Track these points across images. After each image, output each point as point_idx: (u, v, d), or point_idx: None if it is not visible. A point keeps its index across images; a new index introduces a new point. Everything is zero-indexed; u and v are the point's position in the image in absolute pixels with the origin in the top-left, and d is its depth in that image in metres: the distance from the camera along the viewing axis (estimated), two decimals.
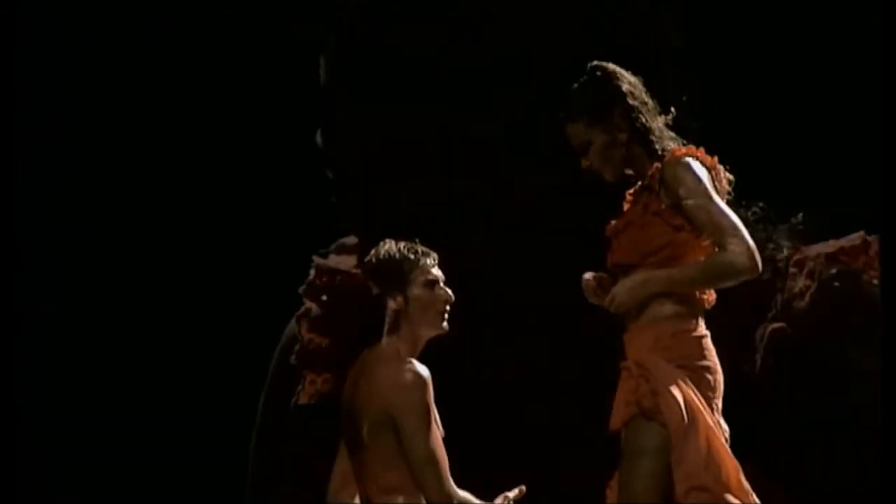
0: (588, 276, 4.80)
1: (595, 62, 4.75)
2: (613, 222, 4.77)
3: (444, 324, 5.06)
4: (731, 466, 4.48)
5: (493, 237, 7.08)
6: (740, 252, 4.48)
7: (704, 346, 4.61)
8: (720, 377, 4.62)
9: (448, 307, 5.06)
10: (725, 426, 4.62)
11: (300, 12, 7.12)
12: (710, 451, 4.45)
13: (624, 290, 4.58)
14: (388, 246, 5.08)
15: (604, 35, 6.90)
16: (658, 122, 4.72)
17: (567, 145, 4.78)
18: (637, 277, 4.58)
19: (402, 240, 5.09)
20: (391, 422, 4.93)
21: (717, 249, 4.53)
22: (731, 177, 4.73)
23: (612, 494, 4.62)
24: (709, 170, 4.66)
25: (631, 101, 4.68)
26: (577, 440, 6.70)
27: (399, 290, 5.02)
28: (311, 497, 6.40)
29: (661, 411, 4.44)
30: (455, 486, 4.96)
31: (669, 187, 4.60)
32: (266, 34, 7.11)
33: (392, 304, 5.03)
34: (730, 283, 4.60)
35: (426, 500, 4.94)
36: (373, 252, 5.09)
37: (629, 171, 4.77)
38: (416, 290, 5.03)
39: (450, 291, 5.08)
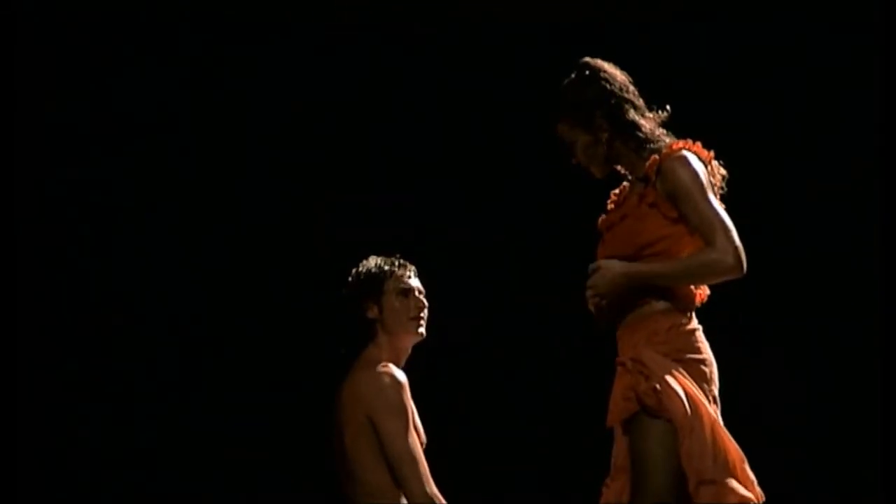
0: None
1: (585, 59, 4.74)
2: (605, 216, 4.76)
3: (421, 330, 5.29)
4: (737, 456, 4.47)
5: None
6: (725, 251, 4.46)
7: (698, 339, 4.59)
8: (715, 369, 4.60)
9: (422, 314, 5.26)
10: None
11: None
12: (716, 441, 4.44)
13: (604, 280, 4.55)
14: (367, 261, 5.38)
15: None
16: (647, 120, 4.70)
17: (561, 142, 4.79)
18: (619, 268, 4.55)
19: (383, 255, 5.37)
20: (371, 424, 5.06)
21: (704, 246, 4.51)
22: (725, 172, 4.72)
23: (608, 493, 4.61)
24: (705, 164, 4.64)
25: (615, 102, 4.66)
26: (571, 439, 6.70)
27: (374, 300, 5.30)
28: None
29: (665, 407, 4.42)
30: (435, 487, 5.06)
31: (667, 180, 4.58)
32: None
33: (369, 314, 5.29)
34: (713, 281, 4.59)
35: (407, 498, 5.03)
36: (353, 270, 5.36)
37: (620, 169, 4.76)
38: (390, 299, 5.29)
39: (424, 300, 5.27)
